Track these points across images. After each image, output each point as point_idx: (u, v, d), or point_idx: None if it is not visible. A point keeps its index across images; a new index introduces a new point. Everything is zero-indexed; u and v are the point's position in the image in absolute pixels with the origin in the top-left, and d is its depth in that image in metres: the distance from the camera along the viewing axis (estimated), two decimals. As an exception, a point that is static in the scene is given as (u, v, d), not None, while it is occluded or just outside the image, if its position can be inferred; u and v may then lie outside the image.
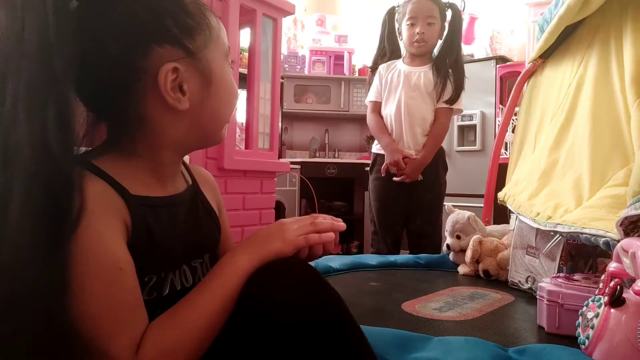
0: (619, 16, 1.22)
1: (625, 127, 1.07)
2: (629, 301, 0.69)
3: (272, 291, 0.54)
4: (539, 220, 1.14)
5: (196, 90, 0.58)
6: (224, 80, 0.62)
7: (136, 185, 0.56)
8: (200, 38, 0.58)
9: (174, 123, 0.58)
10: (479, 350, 0.73)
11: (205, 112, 0.60)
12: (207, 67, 0.59)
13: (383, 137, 1.87)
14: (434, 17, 1.82)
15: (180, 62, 0.56)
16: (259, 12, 1.46)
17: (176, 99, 0.57)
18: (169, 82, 0.55)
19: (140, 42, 0.54)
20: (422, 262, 1.61)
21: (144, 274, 0.55)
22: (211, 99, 0.60)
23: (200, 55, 0.58)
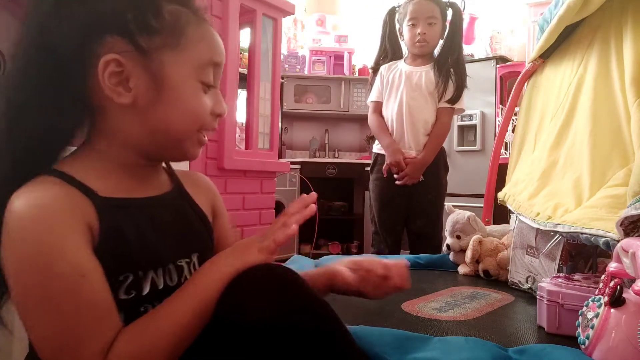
0: (619, 16, 1.22)
1: (625, 127, 1.07)
2: (629, 301, 0.69)
3: (247, 295, 0.54)
4: (539, 220, 1.14)
5: (143, 90, 0.57)
6: (182, 91, 0.59)
7: (108, 186, 0.56)
8: (159, 40, 0.56)
9: (125, 118, 0.58)
10: (479, 350, 0.73)
11: (154, 116, 0.58)
12: (160, 70, 0.57)
13: (384, 138, 1.87)
14: (435, 18, 1.82)
15: (126, 55, 0.55)
16: (259, 12, 1.46)
17: (115, 91, 0.56)
18: (109, 72, 0.55)
19: (96, 29, 0.55)
20: (422, 262, 1.61)
21: (118, 273, 0.54)
22: (163, 105, 0.58)
23: (155, 56, 0.56)
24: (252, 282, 0.55)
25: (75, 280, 0.49)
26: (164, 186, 0.66)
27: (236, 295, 0.55)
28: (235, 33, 1.36)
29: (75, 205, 0.52)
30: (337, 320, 0.57)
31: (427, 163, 1.80)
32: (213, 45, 0.61)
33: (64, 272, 0.49)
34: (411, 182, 1.79)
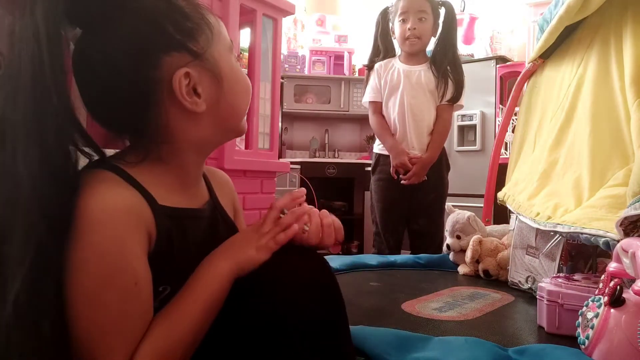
0: (619, 16, 1.22)
1: (625, 127, 1.07)
2: (629, 301, 0.69)
3: (280, 285, 0.56)
4: (538, 220, 1.14)
5: (210, 89, 0.59)
6: (234, 73, 0.63)
7: (163, 193, 0.57)
8: (203, 38, 0.58)
9: (195, 126, 0.60)
10: (479, 350, 0.73)
11: (223, 108, 0.61)
12: (215, 65, 0.59)
13: (387, 139, 1.86)
14: (426, 13, 1.80)
15: (189, 65, 0.57)
16: (259, 12, 1.46)
17: (193, 103, 0.57)
18: (184, 87, 0.56)
19: (147, 55, 0.55)
20: (422, 262, 1.61)
21: (159, 283, 0.56)
22: (226, 95, 0.61)
23: (207, 55, 0.58)
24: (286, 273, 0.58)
25: (130, 288, 0.51)
26: (204, 195, 0.67)
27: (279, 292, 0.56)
28: (235, 33, 1.36)
29: (141, 213, 0.54)
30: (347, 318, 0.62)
31: (432, 162, 1.80)
32: (223, 27, 0.64)
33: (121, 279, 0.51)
34: (417, 181, 1.79)
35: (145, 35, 0.55)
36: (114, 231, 0.51)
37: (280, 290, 0.57)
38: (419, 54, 1.87)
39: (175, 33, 0.56)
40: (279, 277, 0.58)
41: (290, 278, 0.58)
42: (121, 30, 0.54)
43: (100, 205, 0.51)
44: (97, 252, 0.50)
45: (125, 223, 0.51)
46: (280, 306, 0.56)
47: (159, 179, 0.58)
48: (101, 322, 0.50)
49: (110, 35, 0.54)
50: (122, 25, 0.54)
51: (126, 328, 0.51)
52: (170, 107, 0.57)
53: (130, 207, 0.53)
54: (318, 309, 0.57)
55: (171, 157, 0.60)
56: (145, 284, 0.53)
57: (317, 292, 0.58)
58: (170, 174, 0.60)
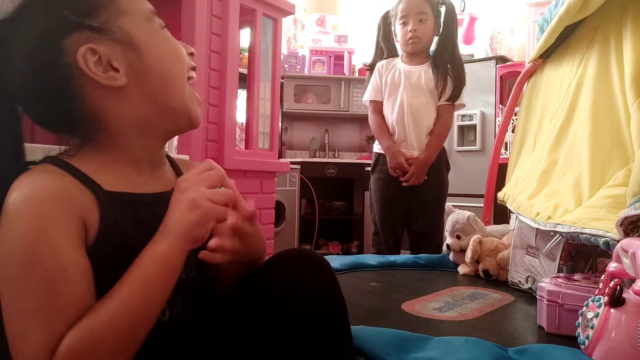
0: (619, 16, 1.22)
1: (625, 127, 1.07)
2: (629, 301, 0.69)
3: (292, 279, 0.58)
4: (538, 220, 1.14)
5: (127, 61, 0.57)
6: (155, 41, 0.60)
7: (112, 180, 0.56)
8: (105, 12, 0.57)
9: (124, 101, 0.58)
10: (479, 350, 0.73)
11: (149, 78, 0.58)
12: (126, 35, 0.57)
13: (384, 140, 1.86)
14: (425, 14, 1.80)
15: (91, 41, 0.55)
16: (259, 12, 1.46)
17: (109, 77, 0.56)
18: (92, 63, 0.55)
19: (49, 43, 0.55)
20: (422, 262, 1.61)
21: (118, 268, 0.53)
22: (149, 63, 0.58)
23: (112, 27, 0.56)
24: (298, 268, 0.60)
25: (53, 274, 0.49)
26: (169, 183, 0.63)
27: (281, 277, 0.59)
28: (235, 33, 1.36)
29: (70, 198, 0.52)
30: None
31: (430, 162, 1.79)
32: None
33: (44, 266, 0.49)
34: (417, 183, 1.78)
35: (42, 25, 0.55)
36: (37, 219, 0.50)
37: (281, 291, 0.58)
38: (421, 54, 1.86)
39: (70, 14, 0.55)
40: (279, 278, 0.59)
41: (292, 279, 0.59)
42: (22, 31, 0.55)
43: (25, 194, 0.51)
44: (18, 240, 0.49)
45: (50, 210, 0.50)
46: (282, 305, 0.57)
47: (106, 165, 0.57)
48: (23, 308, 0.49)
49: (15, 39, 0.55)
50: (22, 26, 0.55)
51: (50, 314, 0.49)
52: (89, 88, 0.56)
53: (58, 194, 0.52)
54: (320, 308, 0.58)
55: (112, 141, 0.58)
56: (76, 271, 0.51)
57: (319, 292, 0.59)
58: (118, 159, 0.59)
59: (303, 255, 0.62)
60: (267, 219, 1.50)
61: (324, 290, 0.60)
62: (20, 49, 0.55)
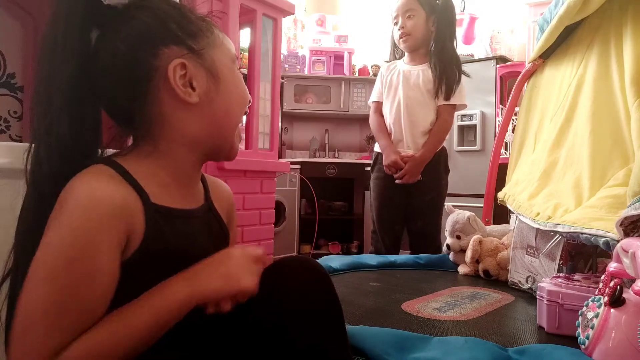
0: (619, 16, 1.22)
1: (625, 127, 1.07)
2: (629, 301, 0.69)
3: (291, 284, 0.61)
4: (539, 220, 1.14)
5: (205, 85, 0.64)
6: (233, 80, 0.67)
7: (156, 191, 0.60)
8: (203, 40, 0.64)
9: (188, 117, 0.63)
10: (479, 350, 0.73)
11: (215, 107, 0.65)
12: (213, 65, 0.65)
13: (381, 139, 1.87)
14: (413, 10, 1.80)
15: (186, 58, 0.62)
16: (259, 12, 1.46)
17: (186, 92, 0.62)
18: (178, 76, 0.61)
19: (148, 45, 0.61)
20: (422, 262, 1.61)
21: (157, 280, 0.56)
22: (221, 95, 0.65)
23: (205, 54, 0.64)
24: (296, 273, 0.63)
25: (86, 275, 0.52)
26: (200, 197, 0.70)
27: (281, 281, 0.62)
28: (235, 33, 1.36)
29: (121, 209, 0.55)
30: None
31: (425, 161, 1.78)
32: (231, 43, 0.70)
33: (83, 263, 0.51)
34: (411, 181, 1.78)
35: (148, 28, 0.61)
36: (89, 221, 0.52)
37: (280, 296, 0.61)
38: (420, 51, 1.85)
39: (176, 30, 0.62)
40: (278, 284, 0.62)
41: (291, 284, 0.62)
42: (129, 25, 0.61)
43: (86, 191, 0.53)
44: (69, 234, 0.51)
45: (102, 215, 0.53)
46: (281, 310, 0.60)
47: (154, 174, 0.61)
48: (44, 298, 0.50)
49: (122, 28, 0.61)
50: (131, 21, 0.61)
51: (65, 313, 0.51)
52: (165, 95, 0.62)
53: (115, 201, 0.54)
54: (318, 312, 0.61)
55: (166, 150, 0.63)
56: (104, 281, 0.53)
57: (317, 297, 0.62)
58: (165, 170, 0.63)
59: (301, 262, 0.65)
60: (267, 219, 1.50)
61: (322, 295, 0.62)
62: (122, 39, 0.60)
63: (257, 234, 1.43)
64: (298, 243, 3.16)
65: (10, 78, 1.45)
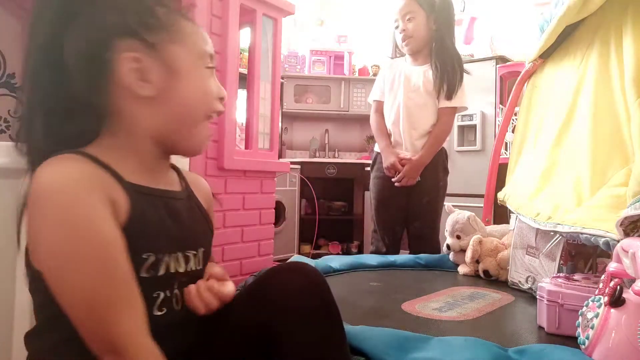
0: (619, 16, 1.22)
1: (625, 127, 1.07)
2: (629, 301, 0.69)
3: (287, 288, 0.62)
4: (539, 220, 1.14)
5: (161, 80, 0.62)
6: (195, 77, 0.66)
7: (129, 173, 0.60)
8: (164, 35, 0.63)
9: (146, 111, 0.63)
10: (479, 350, 0.73)
11: (174, 102, 0.64)
12: (171, 60, 0.63)
13: (381, 140, 1.86)
14: (413, 12, 1.78)
15: (140, 52, 0.61)
16: (259, 12, 1.46)
17: (139, 86, 0.61)
18: (128, 69, 0.60)
19: (103, 37, 0.60)
20: (422, 262, 1.61)
21: (142, 251, 0.58)
22: (179, 91, 0.64)
23: (162, 48, 0.62)
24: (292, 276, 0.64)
25: (102, 246, 0.53)
26: (175, 184, 0.70)
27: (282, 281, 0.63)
28: (235, 33, 1.36)
29: (101, 181, 0.56)
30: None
31: (424, 163, 1.77)
32: (205, 38, 0.68)
33: (90, 238, 0.52)
34: (410, 183, 1.77)
35: (104, 21, 0.60)
36: (73, 195, 0.53)
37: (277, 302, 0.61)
38: (422, 52, 1.84)
39: (133, 23, 0.61)
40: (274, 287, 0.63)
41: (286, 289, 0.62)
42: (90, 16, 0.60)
43: (56, 173, 0.54)
44: (59, 218, 0.52)
45: (83, 188, 0.54)
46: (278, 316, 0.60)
47: (124, 161, 0.61)
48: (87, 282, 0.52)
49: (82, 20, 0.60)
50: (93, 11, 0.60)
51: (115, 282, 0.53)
52: (119, 88, 0.61)
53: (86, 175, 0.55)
54: (315, 317, 0.61)
55: (128, 143, 0.63)
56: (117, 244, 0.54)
57: (314, 302, 0.62)
58: (133, 160, 0.63)
59: (297, 269, 0.65)
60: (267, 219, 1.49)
61: (319, 302, 0.63)
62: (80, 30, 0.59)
63: (257, 234, 1.43)
64: (298, 243, 3.16)
65: (10, 78, 1.45)
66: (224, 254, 1.29)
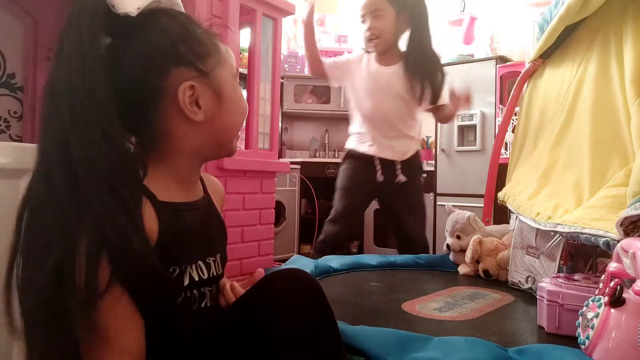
0: (619, 16, 1.22)
1: (625, 127, 1.07)
2: (629, 301, 0.69)
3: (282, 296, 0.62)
4: (539, 220, 1.14)
5: (210, 104, 0.67)
6: (235, 96, 0.71)
7: (163, 192, 0.64)
8: (211, 61, 0.67)
9: (193, 134, 0.67)
10: (479, 350, 0.73)
11: (218, 123, 0.69)
12: (218, 85, 0.68)
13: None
14: (381, 9, 1.67)
15: (195, 80, 0.65)
16: (259, 12, 1.46)
17: (193, 112, 0.65)
18: (187, 98, 0.64)
19: (159, 65, 0.63)
20: (422, 262, 1.61)
21: (169, 266, 0.63)
22: (223, 112, 0.69)
23: (212, 75, 0.67)
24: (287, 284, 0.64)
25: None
26: (199, 191, 0.75)
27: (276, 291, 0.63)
28: (235, 33, 1.36)
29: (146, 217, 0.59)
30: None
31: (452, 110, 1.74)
32: (232, 56, 0.73)
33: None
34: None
35: (160, 49, 0.63)
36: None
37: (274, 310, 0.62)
38: (391, 52, 1.75)
39: (186, 52, 0.65)
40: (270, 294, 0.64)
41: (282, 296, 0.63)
42: (142, 43, 0.63)
43: None
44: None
45: None
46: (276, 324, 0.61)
47: (159, 179, 0.65)
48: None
49: (133, 45, 0.63)
50: (144, 39, 0.63)
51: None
52: (172, 114, 0.65)
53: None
54: (312, 325, 0.62)
55: (170, 161, 0.67)
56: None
57: (311, 310, 0.63)
58: (170, 175, 0.67)
59: (293, 275, 0.66)
60: (267, 219, 1.50)
61: (315, 309, 0.63)
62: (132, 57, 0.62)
63: (257, 234, 1.43)
64: (298, 243, 3.16)
65: (10, 78, 1.45)
66: (224, 254, 1.29)
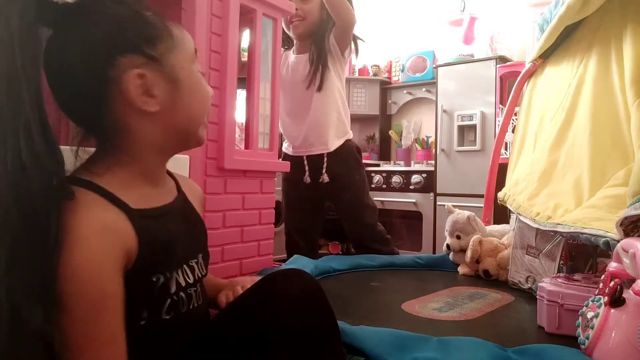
0: (619, 16, 1.22)
1: (625, 127, 1.07)
2: (629, 301, 0.69)
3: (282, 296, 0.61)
4: (539, 220, 1.14)
5: (165, 93, 0.62)
6: (193, 82, 0.65)
7: (134, 197, 0.59)
8: (162, 46, 0.62)
9: (150, 126, 0.62)
10: (479, 350, 0.73)
11: (178, 112, 0.64)
12: (173, 71, 0.62)
13: None
14: None
15: (144, 68, 0.59)
16: (259, 12, 1.46)
17: (145, 102, 0.60)
18: (136, 87, 0.59)
19: (103, 54, 0.58)
20: (422, 262, 1.61)
21: (152, 275, 0.59)
22: (182, 100, 0.63)
23: (164, 60, 0.61)
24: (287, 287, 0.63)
25: (97, 307, 0.52)
26: (173, 192, 0.70)
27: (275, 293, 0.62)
28: (235, 33, 1.36)
29: (117, 233, 0.55)
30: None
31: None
32: (189, 36, 0.67)
33: (90, 296, 0.52)
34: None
35: (104, 36, 0.58)
36: (82, 246, 0.52)
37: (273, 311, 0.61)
38: (308, 40, 1.73)
39: (133, 37, 0.59)
40: (270, 295, 0.62)
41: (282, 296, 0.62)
42: (84, 31, 0.58)
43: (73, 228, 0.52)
44: (69, 269, 0.51)
45: (95, 237, 0.53)
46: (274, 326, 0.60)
47: (126, 182, 0.61)
48: (71, 336, 0.51)
49: (75, 35, 0.58)
50: (86, 26, 0.58)
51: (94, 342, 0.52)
52: (124, 105, 0.59)
53: (103, 229, 0.54)
54: (312, 326, 0.61)
55: (132, 158, 0.62)
56: (113, 304, 0.54)
57: (311, 311, 0.62)
58: (136, 174, 0.63)
59: (293, 275, 0.65)
60: (267, 219, 1.49)
61: (315, 309, 0.63)
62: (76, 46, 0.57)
63: (257, 234, 1.43)
64: (298, 243, 3.16)
65: None
66: (224, 254, 1.29)
